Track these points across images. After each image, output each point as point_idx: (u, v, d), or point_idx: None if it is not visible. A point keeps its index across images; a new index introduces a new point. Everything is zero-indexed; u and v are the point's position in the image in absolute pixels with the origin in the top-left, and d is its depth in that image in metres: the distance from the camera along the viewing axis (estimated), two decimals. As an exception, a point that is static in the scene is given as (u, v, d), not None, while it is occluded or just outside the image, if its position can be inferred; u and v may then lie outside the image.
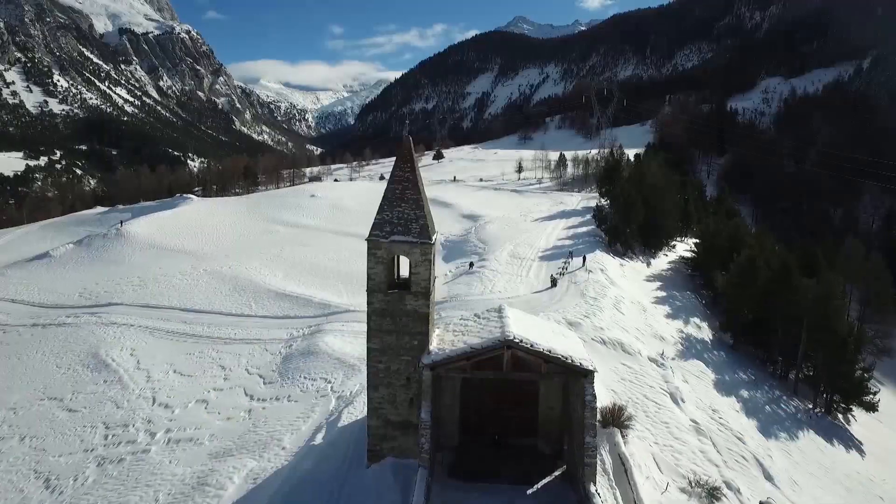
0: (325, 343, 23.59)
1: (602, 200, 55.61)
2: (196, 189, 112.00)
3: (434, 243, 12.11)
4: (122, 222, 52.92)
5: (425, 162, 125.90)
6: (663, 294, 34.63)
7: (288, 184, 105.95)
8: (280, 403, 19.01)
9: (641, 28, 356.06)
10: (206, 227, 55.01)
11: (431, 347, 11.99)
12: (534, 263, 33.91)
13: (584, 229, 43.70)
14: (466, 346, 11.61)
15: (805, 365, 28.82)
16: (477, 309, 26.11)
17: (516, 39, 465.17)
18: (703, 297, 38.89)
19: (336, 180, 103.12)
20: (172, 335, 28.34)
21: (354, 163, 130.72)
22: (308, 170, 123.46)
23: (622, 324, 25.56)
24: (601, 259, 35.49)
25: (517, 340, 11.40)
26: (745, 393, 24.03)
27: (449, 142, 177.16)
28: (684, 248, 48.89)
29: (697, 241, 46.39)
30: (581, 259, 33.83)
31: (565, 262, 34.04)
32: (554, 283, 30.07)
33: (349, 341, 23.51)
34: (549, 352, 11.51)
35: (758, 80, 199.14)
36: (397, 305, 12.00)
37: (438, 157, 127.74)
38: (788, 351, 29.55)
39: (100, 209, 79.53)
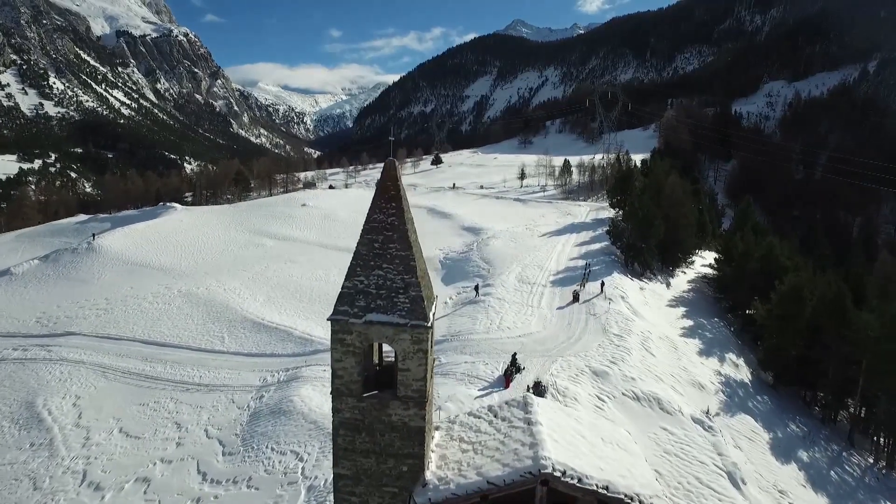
0: (300, 398, 19.63)
1: (614, 212, 52.04)
2: (186, 195, 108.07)
3: (432, 326, 8.20)
4: (94, 235, 48.92)
5: (423, 167, 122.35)
6: (690, 323, 30.76)
7: (281, 190, 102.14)
8: (237, 490, 15.06)
9: (641, 31, 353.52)
10: (187, 239, 51.05)
11: (429, 475, 8.11)
12: (545, 290, 29.99)
13: (596, 246, 39.83)
14: (481, 480, 7.72)
15: (855, 404, 25.10)
16: (483, 351, 22.30)
17: (515, 42, 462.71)
18: (730, 322, 35.10)
19: (331, 186, 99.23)
20: (128, 377, 24.37)
21: (351, 167, 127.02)
22: (303, 175, 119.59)
23: (654, 369, 21.68)
24: (620, 283, 31.62)
25: (558, 473, 7.51)
26: (804, 455, 20.16)
27: (447, 146, 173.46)
28: (701, 262, 45.36)
29: (718, 256, 42.86)
30: (599, 284, 29.93)
31: (584, 277, 31.97)
32: (576, 297, 28.63)
33: (329, 395, 19.54)
34: (607, 489, 7.63)
35: (760, 84, 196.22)
36: (377, 415, 8.13)
37: (437, 162, 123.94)
38: (839, 391, 25.79)
39: (82, 217, 75.58)
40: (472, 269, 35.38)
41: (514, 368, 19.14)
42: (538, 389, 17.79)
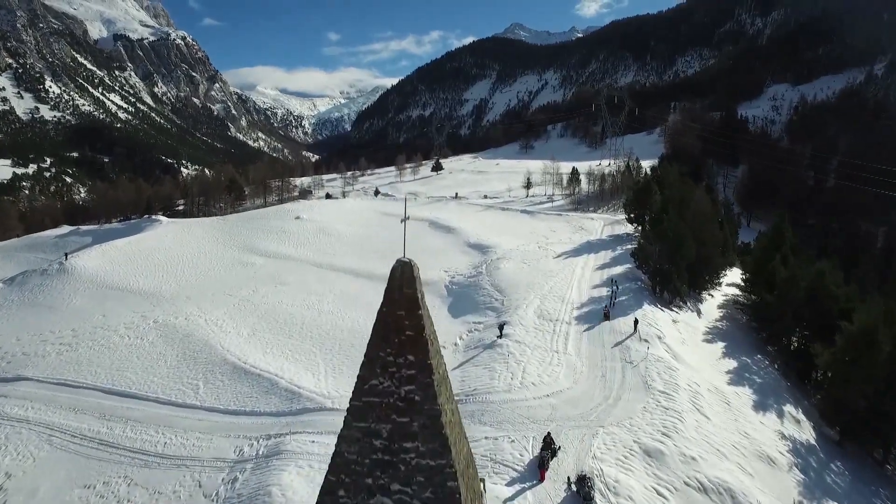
0: (280, 489, 15.65)
1: (633, 227, 48.34)
2: (179, 203, 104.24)
3: None
4: (66, 255, 44.90)
5: (423, 173, 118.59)
6: (734, 364, 26.91)
7: (276, 198, 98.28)
8: None
9: (641, 34, 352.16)
10: (170, 258, 47.08)
11: None
12: (570, 328, 26.05)
13: (619, 269, 35.96)
14: None
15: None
16: (506, 419, 18.31)
17: (514, 46, 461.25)
18: (772, 357, 31.28)
19: (328, 195, 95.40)
20: (79, 442, 20.39)
21: (349, 173, 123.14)
22: (299, 181, 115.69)
23: (713, 439, 17.80)
24: (653, 317, 27.78)
25: None
26: (907, 555, 16.31)
27: (447, 150, 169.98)
28: (724, 280, 41.69)
29: (744, 275, 39.28)
30: (632, 322, 26.04)
31: (612, 297, 29.78)
32: (606, 316, 27.46)
33: (321, 482, 15.64)
34: None
35: (764, 87, 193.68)
36: None
37: (437, 168, 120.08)
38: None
39: (63, 230, 71.47)
40: (482, 298, 31.42)
41: (548, 452, 15.25)
42: (582, 485, 13.94)
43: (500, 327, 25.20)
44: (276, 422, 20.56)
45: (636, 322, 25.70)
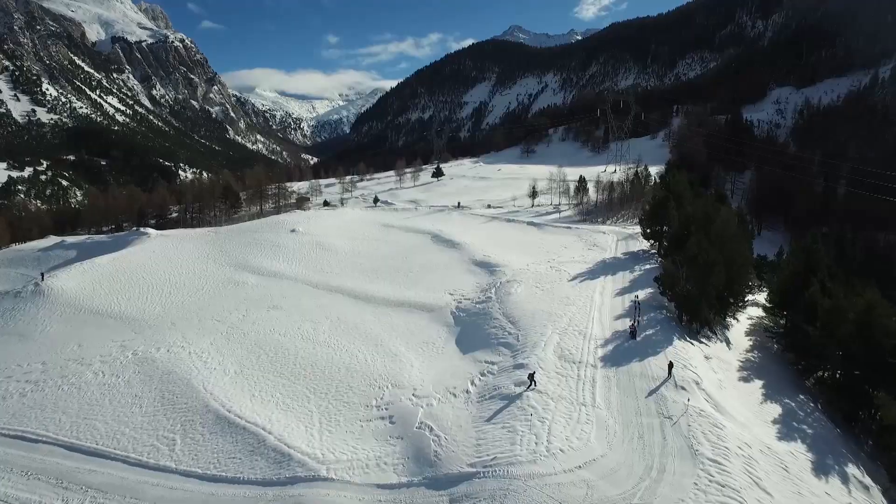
0: None
1: (647, 243, 45.58)
2: (173, 210, 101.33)
3: None
4: (43, 275, 41.87)
5: (423, 179, 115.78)
6: (778, 410, 23.98)
7: (272, 206, 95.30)
8: None
9: (641, 37, 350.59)
10: (156, 277, 44.14)
11: None
12: (596, 373, 23.07)
13: (641, 294, 33.00)
14: None
15: None
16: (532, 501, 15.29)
17: (513, 48, 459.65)
18: (813, 395, 28.39)
19: (326, 202, 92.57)
20: (28, 520, 17.38)
21: (347, 178, 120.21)
22: (297, 185, 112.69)
23: (781, 526, 14.84)
24: (686, 356, 24.85)
25: None
26: None
27: (447, 154, 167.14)
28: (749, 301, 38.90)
29: (770, 295, 36.56)
30: (665, 363, 23.09)
31: (636, 311, 28.47)
32: (633, 333, 26.48)
33: None
34: None
35: (767, 90, 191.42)
36: None
37: (438, 174, 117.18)
38: None
39: (48, 241, 68.40)
40: (494, 331, 28.44)
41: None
42: None
43: (531, 377, 21.73)
44: (261, 494, 17.56)
45: (671, 366, 22.75)
